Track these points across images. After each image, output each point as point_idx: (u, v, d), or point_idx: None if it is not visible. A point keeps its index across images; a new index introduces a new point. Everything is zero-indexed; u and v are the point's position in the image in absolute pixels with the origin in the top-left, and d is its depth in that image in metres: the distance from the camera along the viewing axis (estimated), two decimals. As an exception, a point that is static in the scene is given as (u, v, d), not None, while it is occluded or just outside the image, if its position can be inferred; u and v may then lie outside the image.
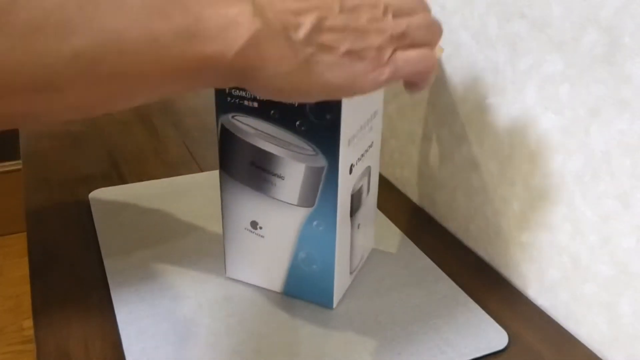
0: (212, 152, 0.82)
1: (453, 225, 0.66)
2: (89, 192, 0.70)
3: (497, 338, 0.50)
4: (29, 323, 1.74)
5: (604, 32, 0.45)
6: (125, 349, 0.47)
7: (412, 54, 0.38)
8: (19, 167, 0.76)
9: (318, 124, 0.45)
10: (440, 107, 0.65)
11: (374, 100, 0.51)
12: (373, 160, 0.54)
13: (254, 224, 0.52)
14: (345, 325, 0.51)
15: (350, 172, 0.48)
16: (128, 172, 0.75)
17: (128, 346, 0.47)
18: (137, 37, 0.29)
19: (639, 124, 0.43)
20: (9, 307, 1.76)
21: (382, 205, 0.69)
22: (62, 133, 0.87)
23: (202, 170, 0.77)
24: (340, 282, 0.53)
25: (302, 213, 0.49)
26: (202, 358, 0.47)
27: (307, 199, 0.49)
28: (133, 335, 0.49)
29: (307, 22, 0.34)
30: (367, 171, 0.53)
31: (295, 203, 0.49)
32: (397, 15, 0.37)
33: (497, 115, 0.57)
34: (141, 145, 0.84)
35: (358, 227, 0.54)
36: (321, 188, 0.48)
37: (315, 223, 0.49)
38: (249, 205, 0.51)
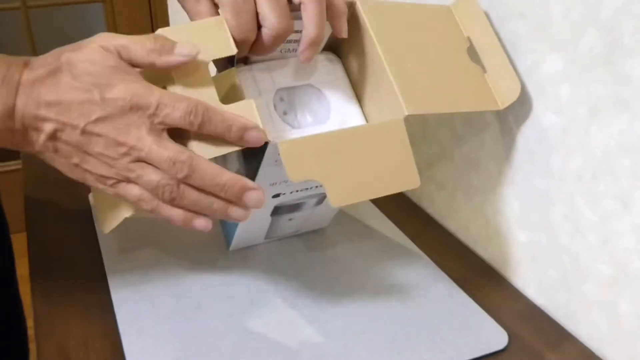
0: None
1: (453, 225, 0.66)
2: (89, 192, 0.70)
3: (497, 338, 0.50)
4: (29, 323, 1.74)
5: (604, 32, 0.45)
6: (125, 349, 0.47)
7: (131, 192, 0.42)
8: (19, 167, 0.75)
9: None
10: (440, 107, 0.65)
11: None
12: None
13: None
14: (346, 325, 0.51)
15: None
16: (128, 172, 0.75)
17: (128, 346, 0.47)
18: None
19: (639, 124, 0.44)
20: (9, 307, 1.75)
21: (382, 206, 0.69)
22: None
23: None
24: (244, 239, 0.58)
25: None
26: (202, 358, 0.47)
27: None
28: (133, 335, 0.49)
29: (45, 130, 0.40)
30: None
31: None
32: (140, 161, 0.41)
33: (497, 115, 0.57)
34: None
35: (290, 220, 0.58)
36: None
37: None
38: None
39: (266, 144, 0.43)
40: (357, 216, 0.66)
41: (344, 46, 0.52)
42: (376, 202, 0.70)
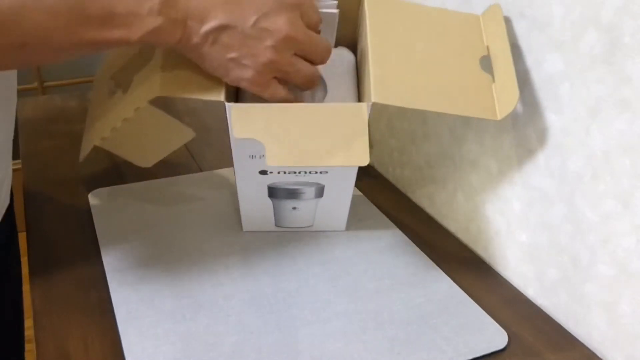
0: (212, 152, 0.82)
1: (453, 225, 0.66)
2: (89, 192, 0.70)
3: (497, 338, 0.50)
4: (29, 323, 1.74)
5: (604, 32, 0.45)
6: (125, 349, 0.47)
7: (281, 92, 0.47)
8: (19, 167, 0.75)
9: None
10: (440, 107, 0.65)
11: None
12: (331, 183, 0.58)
13: None
14: (346, 325, 0.51)
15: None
16: (128, 172, 0.75)
17: (128, 346, 0.47)
18: (60, 35, 0.40)
19: (639, 124, 0.43)
20: (9, 307, 1.75)
21: (382, 205, 0.69)
22: (62, 133, 0.87)
23: (202, 170, 0.77)
24: (253, 218, 0.62)
25: None
26: (202, 358, 0.47)
27: None
28: (133, 335, 0.49)
29: (212, 23, 0.42)
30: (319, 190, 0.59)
31: None
32: (300, 55, 0.45)
33: (497, 115, 0.57)
34: (141, 145, 0.83)
35: (294, 210, 0.61)
36: None
37: None
38: None
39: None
40: (357, 216, 0.66)
41: (359, 43, 0.54)
42: (376, 202, 0.70)
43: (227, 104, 0.47)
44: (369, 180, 0.77)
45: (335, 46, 0.55)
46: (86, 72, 2.03)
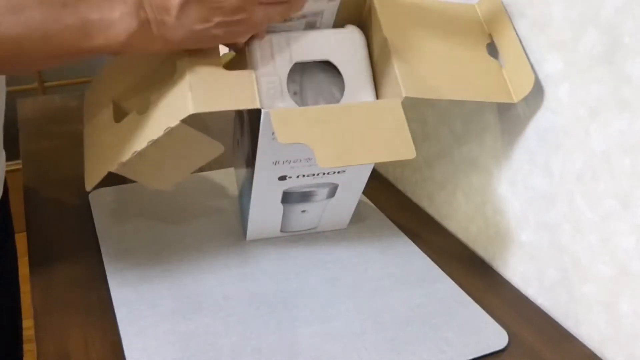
0: (212, 152, 0.82)
1: (453, 225, 0.66)
2: (89, 192, 0.70)
3: (497, 338, 0.50)
4: (29, 323, 1.74)
5: (604, 32, 0.45)
6: (125, 349, 0.47)
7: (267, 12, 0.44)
8: (19, 167, 0.76)
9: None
10: (440, 107, 0.65)
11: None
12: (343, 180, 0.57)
13: None
14: (346, 325, 0.51)
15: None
16: (128, 172, 0.75)
17: (128, 346, 0.47)
18: (34, 41, 0.40)
19: (639, 124, 0.43)
20: (9, 307, 1.75)
21: (382, 205, 0.69)
22: (62, 133, 0.87)
23: (201, 171, 0.77)
24: (259, 226, 0.60)
25: None
26: (202, 358, 0.47)
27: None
28: (133, 335, 0.49)
29: (175, 2, 0.41)
30: (331, 186, 0.57)
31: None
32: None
33: (497, 115, 0.57)
34: (141, 145, 0.83)
35: (303, 212, 0.59)
36: None
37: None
38: None
39: (260, 112, 0.46)
40: (357, 216, 0.66)
41: (368, 26, 0.53)
42: (376, 202, 0.70)
43: (264, 111, 0.46)
44: (369, 180, 0.77)
45: (342, 25, 0.52)
46: (86, 72, 2.03)
